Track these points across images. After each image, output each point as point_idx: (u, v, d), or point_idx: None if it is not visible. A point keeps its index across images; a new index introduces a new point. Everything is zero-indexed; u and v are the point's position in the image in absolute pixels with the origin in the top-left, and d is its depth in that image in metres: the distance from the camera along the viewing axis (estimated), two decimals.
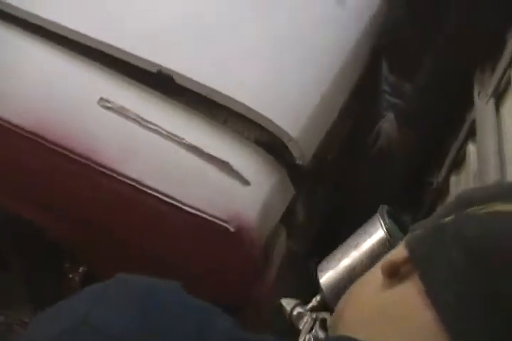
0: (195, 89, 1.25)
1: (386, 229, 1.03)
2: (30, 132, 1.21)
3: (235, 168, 1.19)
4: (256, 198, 1.20)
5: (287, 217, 1.25)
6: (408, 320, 0.53)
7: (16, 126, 1.21)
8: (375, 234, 1.05)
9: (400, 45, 1.49)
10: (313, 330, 1.14)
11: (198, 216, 1.15)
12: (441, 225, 0.57)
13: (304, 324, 1.14)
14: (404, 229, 1.06)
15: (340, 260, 1.10)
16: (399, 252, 0.57)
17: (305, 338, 1.12)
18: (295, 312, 1.14)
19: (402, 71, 1.50)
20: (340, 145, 1.49)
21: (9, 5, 1.33)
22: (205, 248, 1.19)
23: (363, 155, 1.54)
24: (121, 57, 1.28)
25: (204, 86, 1.24)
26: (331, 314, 1.07)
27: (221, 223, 1.15)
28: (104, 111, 1.24)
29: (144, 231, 1.22)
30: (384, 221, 1.03)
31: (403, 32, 1.50)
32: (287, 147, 1.24)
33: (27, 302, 1.53)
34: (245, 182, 1.19)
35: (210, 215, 1.16)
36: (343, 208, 1.54)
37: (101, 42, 1.28)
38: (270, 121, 1.22)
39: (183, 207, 1.16)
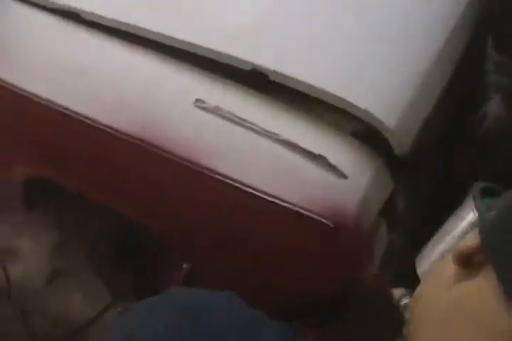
0: (289, 85, 1.24)
1: (477, 210, 0.98)
2: (129, 135, 1.25)
3: (331, 162, 1.16)
4: (354, 192, 1.17)
5: (387, 210, 1.22)
6: (485, 314, 0.48)
7: (116, 129, 1.26)
8: (467, 216, 1.00)
9: (507, 17, 1.40)
10: None
11: (296, 212, 1.15)
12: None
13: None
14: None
15: (435, 247, 1.06)
16: (472, 239, 0.52)
17: None
18: (402, 303, 1.12)
19: (508, 48, 1.41)
20: (440, 133, 1.42)
21: (99, 16, 1.37)
22: (304, 244, 1.18)
23: (467, 140, 1.46)
24: (213, 57, 1.28)
25: (298, 81, 1.22)
26: None
27: (320, 218, 1.14)
28: (200, 111, 1.25)
29: (242, 228, 1.23)
30: (475, 201, 0.98)
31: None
32: (385, 137, 1.20)
33: (139, 296, 1.59)
34: (343, 176, 1.17)
35: (309, 211, 1.14)
36: (446, 196, 1.47)
37: (192, 44, 1.29)
38: (366, 111, 1.18)
39: (281, 203, 1.15)
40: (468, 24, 1.45)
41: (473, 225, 0.99)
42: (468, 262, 0.52)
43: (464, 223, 1.03)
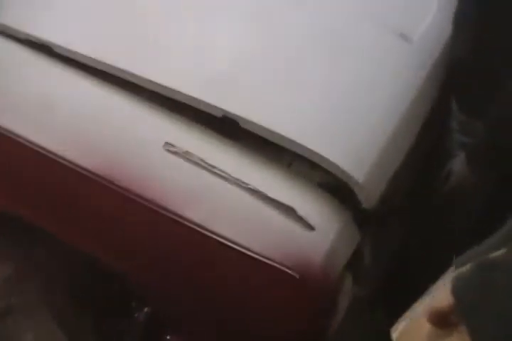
0: (259, 133, 1.24)
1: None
2: (97, 175, 1.23)
3: (299, 213, 1.17)
4: (321, 244, 1.17)
5: (353, 263, 1.22)
6: None
7: (84, 168, 1.24)
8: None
9: (469, 81, 1.43)
10: None
11: (262, 262, 1.14)
12: (491, 262, 0.50)
13: None
14: None
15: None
16: (445, 298, 0.51)
17: None
18: None
19: (472, 108, 1.44)
20: (407, 187, 1.44)
21: (72, 51, 1.36)
22: (269, 294, 1.17)
23: (432, 197, 1.48)
24: (186, 101, 1.29)
25: (268, 130, 1.23)
26: None
27: (286, 270, 1.13)
28: (169, 155, 1.24)
29: (206, 275, 1.21)
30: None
31: (473, 65, 1.43)
32: (352, 190, 1.21)
33: (96, 338, 1.55)
34: (310, 228, 1.17)
35: (275, 261, 1.14)
36: (411, 250, 1.49)
37: (165, 87, 1.29)
38: (335, 165, 1.19)
39: (247, 252, 1.15)
40: (434, 84, 1.48)
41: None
42: (442, 322, 0.50)
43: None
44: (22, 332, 1.64)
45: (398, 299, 1.16)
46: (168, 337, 1.28)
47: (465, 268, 0.53)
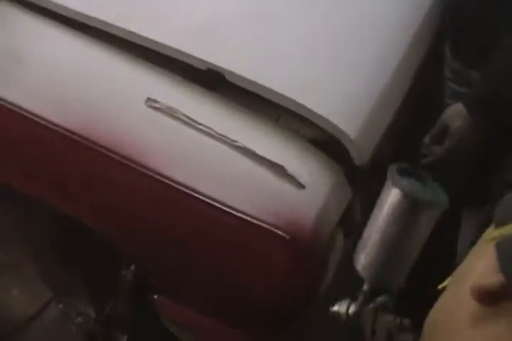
0: (246, 87, 1.18)
1: (397, 186, 0.97)
2: (76, 133, 1.17)
3: (289, 171, 1.12)
4: (312, 202, 1.13)
5: (345, 219, 1.18)
6: None
7: (62, 127, 1.17)
8: (389, 197, 0.99)
9: (464, 27, 1.37)
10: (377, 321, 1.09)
11: (250, 222, 1.10)
12: None
13: (366, 318, 1.09)
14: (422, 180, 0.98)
15: (367, 240, 1.05)
16: (492, 274, 0.45)
17: (372, 330, 1.06)
18: (351, 312, 1.09)
19: (466, 56, 1.38)
20: (400, 142, 1.40)
21: (51, 2, 1.27)
22: (258, 255, 1.13)
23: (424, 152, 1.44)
24: (169, 54, 1.21)
25: (256, 83, 1.17)
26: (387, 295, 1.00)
27: (275, 230, 1.09)
28: (151, 111, 1.18)
29: (193, 235, 1.17)
30: (393, 178, 0.97)
31: (468, 12, 1.37)
32: (344, 146, 1.16)
33: (83, 293, 1.53)
34: (300, 186, 1.12)
35: (264, 222, 1.10)
36: None
37: (148, 39, 1.22)
38: (326, 120, 1.14)
39: (235, 212, 1.10)
40: (428, 33, 1.41)
41: (397, 201, 0.96)
42: (492, 300, 0.44)
43: (389, 204, 1.01)
44: (8, 286, 1.62)
45: None
46: (155, 296, 1.25)
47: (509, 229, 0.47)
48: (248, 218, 1.09)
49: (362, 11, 1.34)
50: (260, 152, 1.14)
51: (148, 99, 1.19)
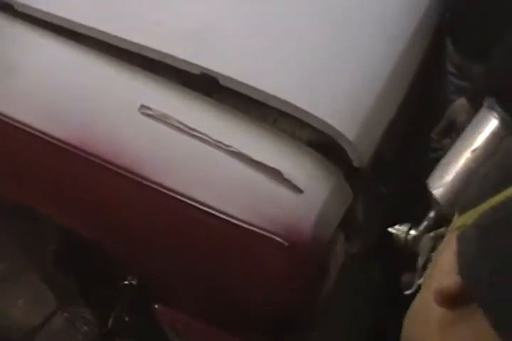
0: (240, 90, 1.15)
1: (500, 117, 0.92)
2: (69, 143, 1.14)
3: (286, 175, 1.09)
4: (311, 207, 1.09)
5: (345, 221, 1.15)
6: None
7: (55, 137, 1.15)
8: (487, 126, 0.94)
9: (466, 21, 1.33)
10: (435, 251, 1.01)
11: (248, 229, 1.07)
12: (497, 213, 0.39)
13: (423, 246, 1.02)
14: None
15: (451, 166, 0.99)
16: (452, 274, 0.41)
17: (427, 259, 0.99)
18: (410, 237, 1.03)
19: (468, 50, 1.34)
20: (401, 140, 1.36)
21: (33, 8, 1.25)
22: (256, 263, 1.10)
23: (428, 147, 1.39)
24: (162, 59, 1.18)
25: (250, 87, 1.13)
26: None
27: (274, 237, 1.06)
28: (145, 118, 1.15)
29: (190, 243, 1.15)
30: (496, 110, 0.93)
31: (469, 8, 1.33)
32: (343, 148, 1.13)
33: (87, 303, 1.51)
34: (298, 191, 1.09)
35: (262, 228, 1.07)
36: (406, 206, 1.41)
37: (140, 45, 1.19)
38: (323, 121, 1.10)
39: (232, 219, 1.07)
40: (428, 27, 1.37)
41: (495, 132, 0.91)
42: (454, 303, 0.41)
43: (486, 133, 0.95)
44: (13, 297, 1.61)
45: (392, 254, 1.11)
46: (156, 306, 1.23)
47: (467, 230, 0.42)
48: (245, 225, 1.06)
49: (359, 8, 1.30)
50: (256, 157, 1.10)
51: (142, 106, 1.16)
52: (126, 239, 1.19)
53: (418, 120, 1.42)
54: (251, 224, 1.06)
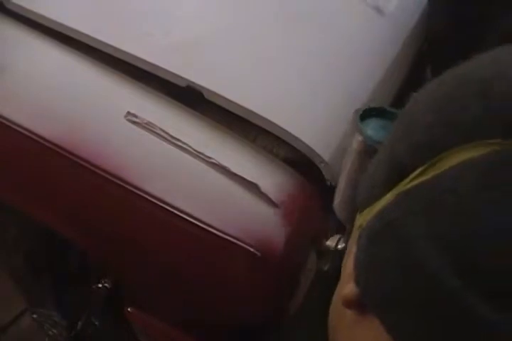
0: (224, 105, 1.15)
1: (359, 132, 0.92)
2: (55, 144, 1.13)
3: (263, 189, 1.09)
4: (285, 221, 1.09)
5: (317, 238, 1.15)
6: None
7: (41, 136, 1.14)
8: (353, 143, 0.94)
9: (445, 51, 1.35)
10: None
11: (223, 238, 1.06)
12: (383, 218, 0.38)
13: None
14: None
15: (340, 188, 0.99)
16: (350, 280, 0.41)
17: None
18: (340, 247, 1.05)
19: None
20: None
21: (25, 8, 1.25)
22: (230, 271, 1.10)
23: None
24: (150, 70, 1.19)
25: (233, 103, 1.14)
26: None
27: (247, 246, 1.06)
28: (130, 125, 1.15)
29: (165, 250, 1.14)
30: (357, 125, 0.92)
31: (448, 34, 1.35)
32: (317, 166, 1.13)
33: (57, 305, 1.48)
34: (274, 205, 1.09)
35: (236, 238, 1.06)
36: None
37: (129, 54, 1.19)
38: (301, 141, 1.11)
39: (208, 228, 1.07)
40: (408, 57, 1.39)
41: (361, 147, 0.91)
42: (358, 308, 0.40)
43: (353, 150, 0.95)
44: None
45: None
46: (129, 309, 1.21)
47: (365, 232, 0.40)
48: (220, 233, 1.06)
49: (341, 34, 1.32)
50: (235, 170, 1.11)
51: (128, 113, 1.16)
52: (105, 241, 1.17)
53: None
54: (226, 233, 1.06)
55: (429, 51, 1.41)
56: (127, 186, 1.10)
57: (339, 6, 1.39)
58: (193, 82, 1.16)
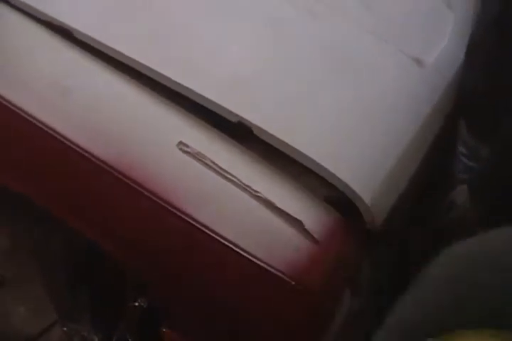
0: (272, 143, 1.19)
1: None
2: (111, 166, 1.17)
3: (306, 226, 1.12)
4: (324, 258, 1.13)
5: (352, 276, 1.18)
6: None
7: (98, 158, 1.18)
8: None
9: (480, 106, 1.39)
10: None
11: (264, 269, 1.09)
12: None
13: None
14: None
15: None
16: None
17: None
18: None
19: (480, 133, 1.40)
20: (410, 207, 1.40)
21: (93, 39, 1.29)
22: (267, 301, 1.12)
23: (431, 223, 1.44)
24: (203, 103, 1.23)
25: (281, 141, 1.18)
26: None
27: (288, 279, 1.09)
28: (182, 154, 1.19)
29: (207, 275, 1.16)
30: None
31: (484, 91, 1.39)
32: (357, 208, 1.17)
33: (89, 320, 1.50)
34: (315, 242, 1.12)
35: (277, 270, 1.09)
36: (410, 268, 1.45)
37: (183, 87, 1.23)
38: (345, 183, 1.15)
39: (250, 257, 1.10)
40: (445, 108, 1.44)
41: None
42: None
43: None
44: (15, 304, 1.59)
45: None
46: (164, 330, 1.23)
47: None
48: (261, 263, 1.09)
49: (385, 80, 1.36)
50: (279, 204, 1.14)
51: (180, 142, 1.20)
52: (147, 261, 1.20)
53: (426, 195, 1.47)
54: (266, 263, 1.09)
55: (464, 105, 1.45)
56: (173, 209, 1.13)
57: (381, 54, 1.44)
58: (245, 119, 1.20)
